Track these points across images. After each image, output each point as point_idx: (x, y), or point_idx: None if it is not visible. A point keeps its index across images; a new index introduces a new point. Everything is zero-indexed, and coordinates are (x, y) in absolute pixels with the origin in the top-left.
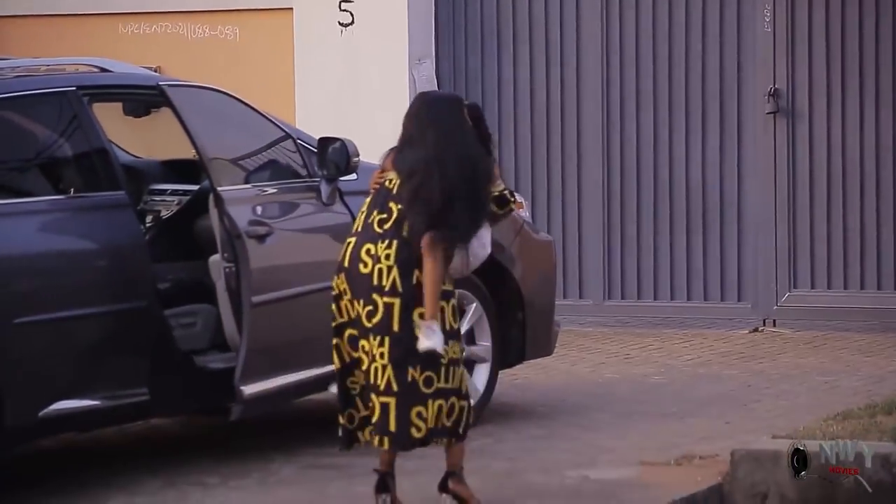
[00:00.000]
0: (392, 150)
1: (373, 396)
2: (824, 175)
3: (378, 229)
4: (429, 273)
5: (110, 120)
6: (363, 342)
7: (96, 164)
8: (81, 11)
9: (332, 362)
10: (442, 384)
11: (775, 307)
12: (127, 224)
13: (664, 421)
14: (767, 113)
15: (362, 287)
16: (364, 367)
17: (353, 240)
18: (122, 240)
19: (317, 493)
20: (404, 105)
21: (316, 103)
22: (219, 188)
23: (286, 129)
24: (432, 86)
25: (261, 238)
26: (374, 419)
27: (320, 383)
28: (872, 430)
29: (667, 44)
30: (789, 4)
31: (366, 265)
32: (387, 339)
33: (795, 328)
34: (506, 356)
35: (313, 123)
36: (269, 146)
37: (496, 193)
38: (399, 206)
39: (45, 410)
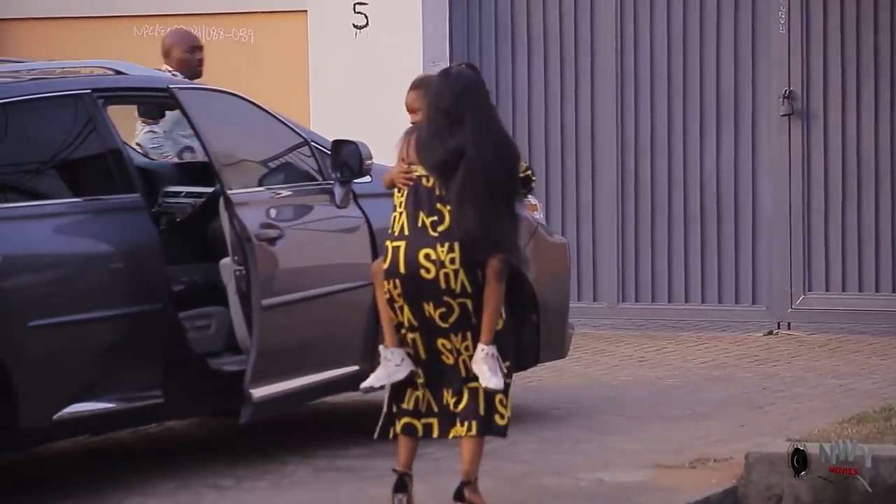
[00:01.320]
0: (409, 134)
1: (461, 387)
2: (839, 177)
3: (433, 233)
4: (495, 298)
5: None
6: (442, 341)
7: (111, 166)
8: (96, 14)
9: (343, 365)
10: (510, 379)
11: (790, 310)
12: (142, 226)
13: (679, 424)
14: (782, 115)
15: (429, 291)
16: (450, 361)
17: (401, 244)
18: (137, 242)
19: (331, 495)
20: None
21: (330, 105)
22: (230, 191)
23: (299, 132)
24: None
25: (272, 241)
26: (461, 407)
27: (332, 386)
28: (888, 433)
29: (681, 46)
30: (804, 6)
31: (428, 271)
32: (469, 333)
33: (810, 331)
34: (520, 358)
35: (327, 126)
36: (283, 148)
37: (521, 175)
38: (448, 209)
39: (60, 413)
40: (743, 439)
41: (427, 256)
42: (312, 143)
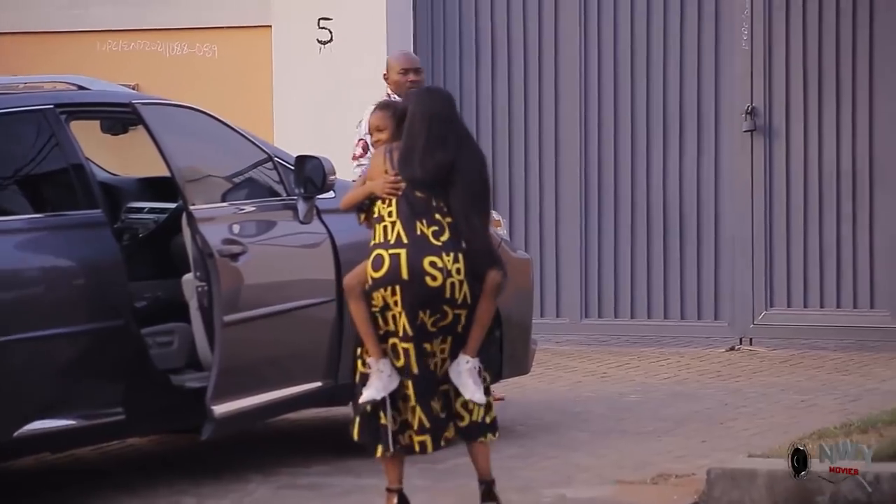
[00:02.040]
0: (389, 150)
1: (440, 396)
2: (801, 193)
3: (436, 241)
4: (489, 312)
5: (88, 138)
6: (426, 344)
7: (74, 182)
8: (60, 29)
9: (306, 381)
10: (488, 381)
11: (752, 325)
12: (104, 242)
13: (641, 439)
14: (744, 131)
15: (431, 300)
16: (432, 367)
17: (401, 251)
18: (100, 258)
19: None
20: None
21: (294, 121)
22: (192, 207)
23: (263, 147)
24: None
25: (234, 257)
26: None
27: (294, 402)
28: None
29: (644, 61)
30: (767, 23)
31: (434, 278)
32: (450, 338)
33: (772, 346)
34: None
35: (291, 141)
36: (246, 164)
37: None
38: (448, 220)
39: (21, 430)
40: (705, 455)
41: (433, 264)
42: (276, 159)
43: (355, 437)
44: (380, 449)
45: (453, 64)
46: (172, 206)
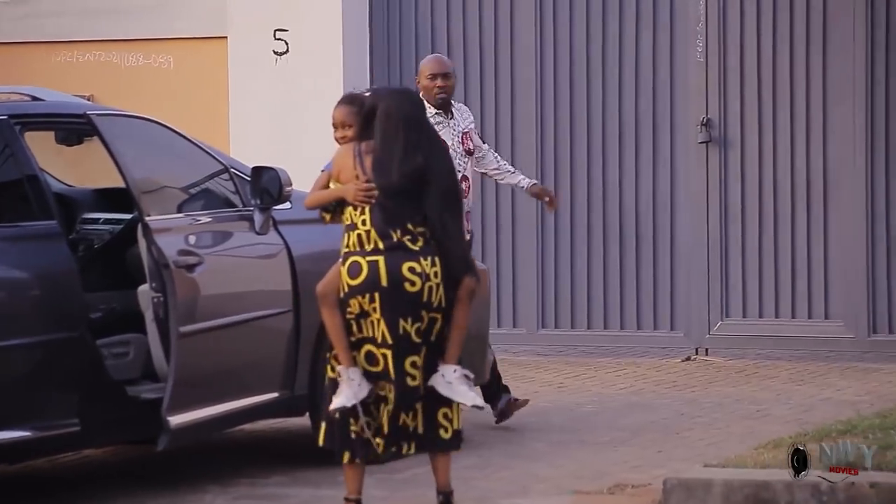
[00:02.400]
0: (362, 152)
1: (418, 407)
2: (756, 204)
3: (413, 247)
4: (466, 317)
5: (43, 149)
6: (413, 358)
7: (28, 192)
8: (14, 40)
9: (262, 392)
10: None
11: (707, 336)
12: (59, 253)
13: (598, 450)
14: (700, 142)
15: (410, 306)
16: (415, 383)
17: (379, 258)
18: (54, 269)
19: None
20: None
21: (250, 132)
22: (148, 218)
23: (220, 159)
24: None
25: (190, 267)
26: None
27: (251, 413)
28: None
29: (600, 74)
30: (721, 35)
31: (413, 284)
32: (424, 348)
33: (727, 357)
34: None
35: (248, 152)
36: (202, 175)
37: None
38: (420, 229)
39: None
40: (661, 465)
41: (412, 269)
42: (232, 170)
43: (321, 442)
44: (346, 456)
45: (410, 76)
46: (128, 216)
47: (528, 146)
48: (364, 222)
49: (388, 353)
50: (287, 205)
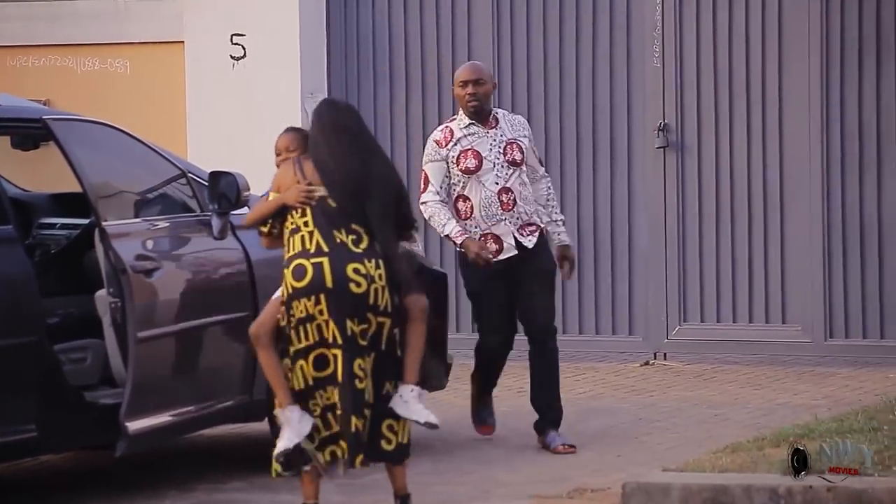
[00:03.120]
0: (299, 161)
1: (366, 412)
2: (713, 209)
3: (356, 249)
4: (421, 337)
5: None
6: (360, 360)
7: None
8: None
9: (221, 397)
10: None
11: (666, 340)
12: (15, 258)
13: (557, 454)
14: (657, 147)
15: (356, 307)
16: (362, 385)
17: (323, 259)
18: (11, 274)
19: None
20: None
21: (208, 137)
22: (105, 223)
23: (177, 163)
24: None
25: (148, 273)
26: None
27: (210, 418)
28: (761, 463)
29: (558, 78)
30: (678, 40)
31: (359, 285)
32: (373, 354)
33: (686, 361)
34: None
35: (205, 157)
36: (160, 180)
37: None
38: (365, 229)
39: None
40: (620, 469)
41: (357, 271)
42: (190, 175)
43: (273, 475)
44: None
45: (367, 81)
46: (85, 221)
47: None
48: (307, 224)
49: (339, 353)
50: (245, 209)
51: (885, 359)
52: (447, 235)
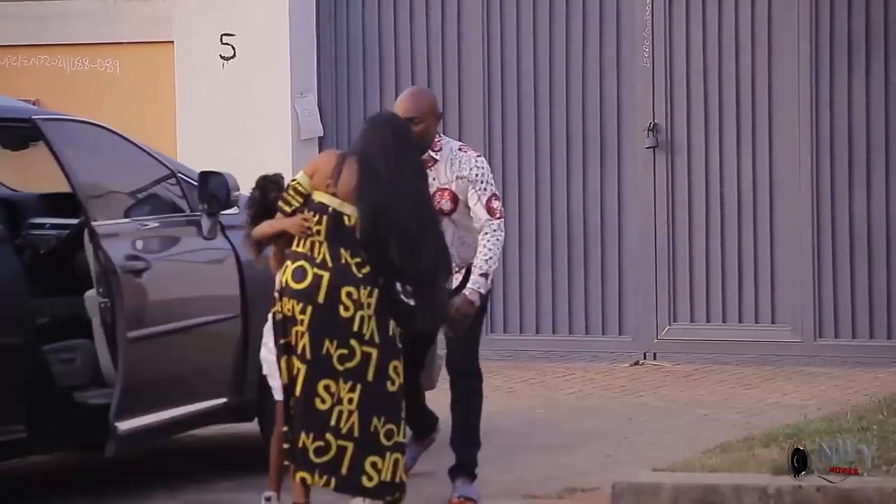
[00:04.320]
0: (344, 162)
1: (328, 436)
2: (703, 209)
3: (357, 273)
4: None
5: None
6: (328, 382)
7: None
8: None
9: (211, 397)
10: (401, 438)
11: (655, 340)
12: (5, 258)
13: (547, 454)
14: (647, 147)
15: (339, 330)
16: (324, 407)
17: (325, 274)
18: (0, 275)
19: None
20: (286, 139)
21: (197, 137)
22: (95, 223)
23: (167, 163)
24: (314, 119)
25: (138, 273)
26: (325, 459)
27: (200, 419)
28: (751, 463)
29: (547, 78)
30: (667, 40)
31: (347, 309)
32: (359, 386)
33: (675, 361)
34: None
35: (195, 157)
36: (149, 180)
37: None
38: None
39: None
40: (610, 469)
41: (349, 295)
42: (179, 175)
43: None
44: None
45: (357, 81)
46: (74, 222)
47: (476, 148)
48: (319, 232)
49: (303, 369)
50: (234, 210)
51: (875, 359)
52: None
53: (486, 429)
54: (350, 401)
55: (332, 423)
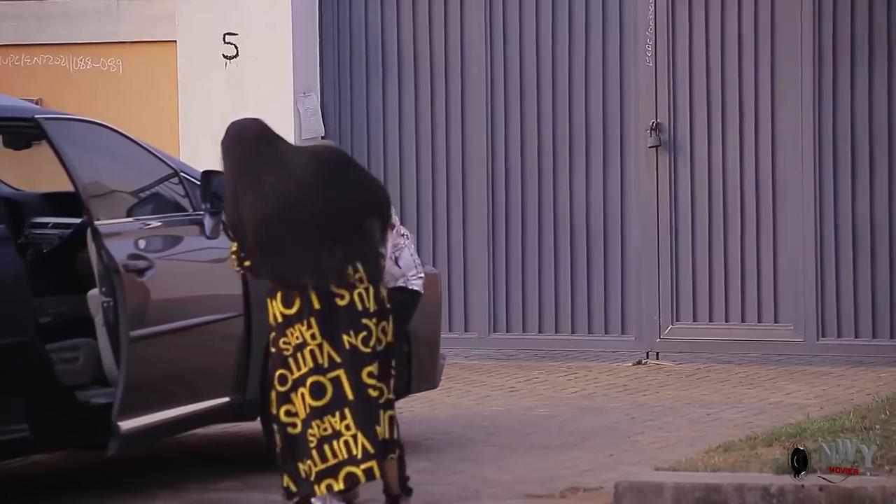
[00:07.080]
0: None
1: (325, 446)
2: (706, 208)
3: (330, 261)
4: None
5: None
6: (369, 369)
7: None
8: None
9: (213, 396)
10: (390, 395)
11: (658, 340)
12: (7, 257)
13: (549, 453)
14: (650, 147)
15: (346, 318)
16: (375, 394)
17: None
18: (2, 273)
19: None
20: (289, 138)
21: (200, 136)
22: (97, 222)
23: (169, 163)
24: (317, 118)
25: (140, 272)
26: (332, 463)
27: (202, 418)
28: (753, 462)
29: (550, 78)
30: (670, 39)
31: (342, 297)
32: (347, 411)
33: (678, 361)
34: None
35: (198, 156)
36: (152, 179)
37: None
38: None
39: None
40: (612, 468)
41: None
42: (182, 174)
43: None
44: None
45: (360, 80)
46: (77, 221)
47: (479, 148)
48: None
49: (341, 372)
50: None
51: (877, 358)
52: None
53: (488, 428)
54: (347, 427)
55: (382, 400)
